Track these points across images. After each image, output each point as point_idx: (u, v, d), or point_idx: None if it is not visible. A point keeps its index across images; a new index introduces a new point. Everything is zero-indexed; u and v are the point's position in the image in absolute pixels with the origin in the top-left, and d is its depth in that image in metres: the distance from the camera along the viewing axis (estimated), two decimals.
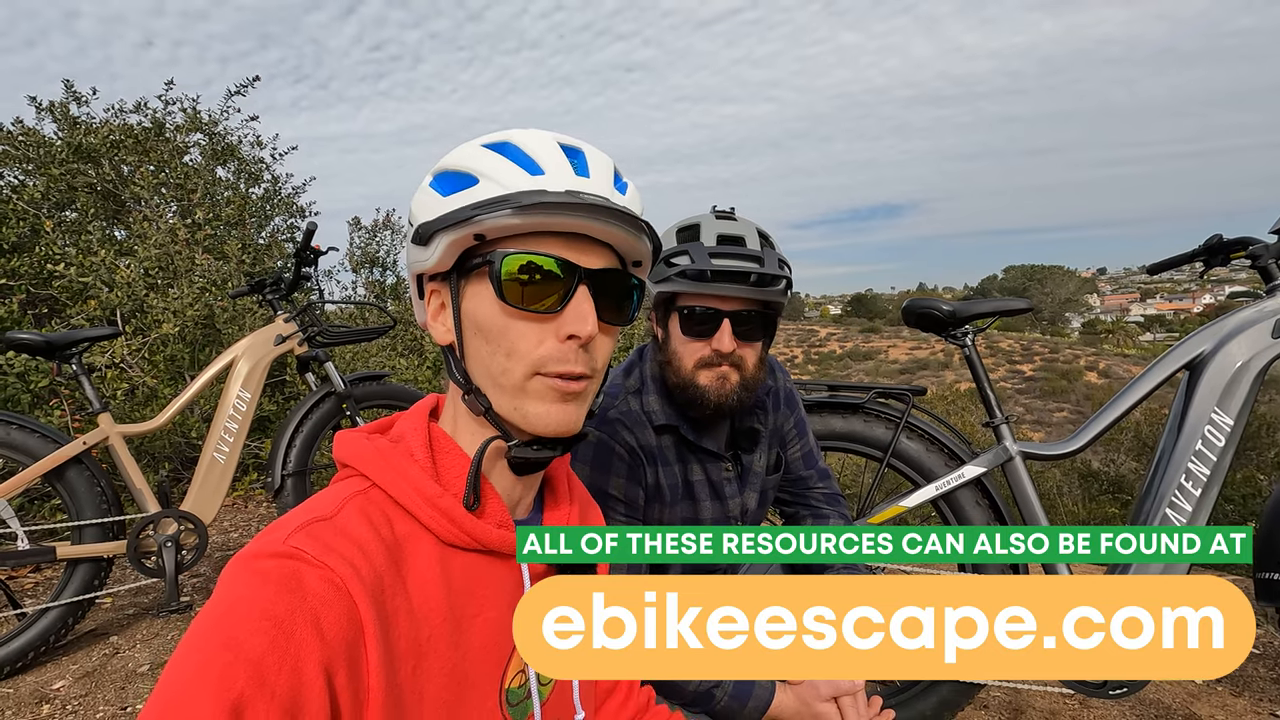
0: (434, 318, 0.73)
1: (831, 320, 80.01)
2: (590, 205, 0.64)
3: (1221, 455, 1.68)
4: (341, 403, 2.84)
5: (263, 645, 0.52)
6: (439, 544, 0.66)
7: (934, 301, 1.86)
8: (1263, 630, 2.47)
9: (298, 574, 0.55)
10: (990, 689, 2.03)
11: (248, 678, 0.51)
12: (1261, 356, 1.70)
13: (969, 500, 1.81)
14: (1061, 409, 31.99)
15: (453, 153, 0.70)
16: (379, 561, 0.60)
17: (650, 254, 0.73)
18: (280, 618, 0.53)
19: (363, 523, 0.62)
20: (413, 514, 0.65)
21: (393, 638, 0.59)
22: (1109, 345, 49.19)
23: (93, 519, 2.34)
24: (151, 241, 4.37)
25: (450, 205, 0.66)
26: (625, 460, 1.24)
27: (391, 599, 0.60)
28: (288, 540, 0.57)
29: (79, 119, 5.04)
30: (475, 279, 0.68)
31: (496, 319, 0.67)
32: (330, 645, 0.54)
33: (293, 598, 0.54)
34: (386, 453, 0.67)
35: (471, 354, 0.69)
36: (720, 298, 1.18)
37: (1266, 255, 1.74)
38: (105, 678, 2.24)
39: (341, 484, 0.67)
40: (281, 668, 0.52)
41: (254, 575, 0.55)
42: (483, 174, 0.66)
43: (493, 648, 0.69)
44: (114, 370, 4.08)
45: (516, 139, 0.68)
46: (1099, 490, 7.67)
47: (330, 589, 0.56)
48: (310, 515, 0.60)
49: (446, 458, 0.70)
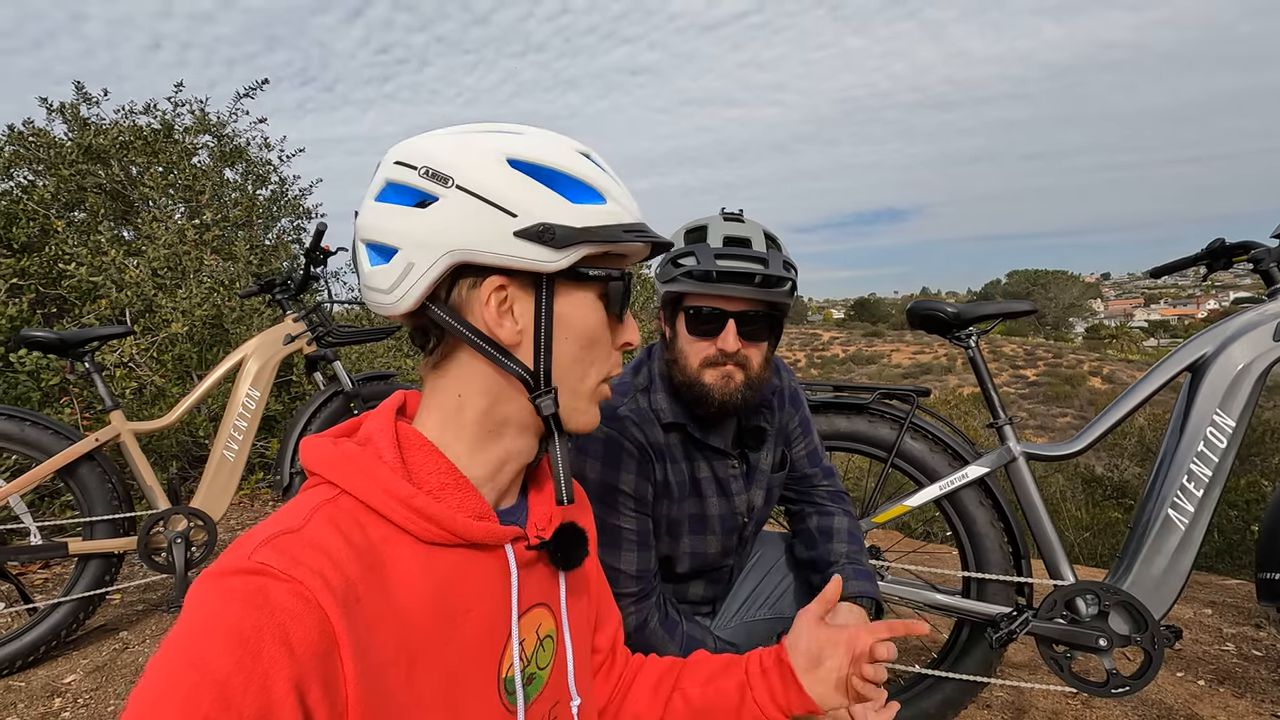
0: (501, 315, 0.69)
1: (834, 324, 79.98)
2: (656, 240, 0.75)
3: (1223, 456, 1.70)
4: (349, 402, 2.87)
5: (229, 665, 0.51)
6: (419, 544, 0.65)
7: (939, 303, 1.88)
8: (1265, 633, 2.47)
9: (264, 589, 0.54)
10: (993, 688, 2.04)
11: (213, 699, 0.50)
12: (1263, 359, 1.71)
13: (972, 500, 1.83)
14: (1065, 414, 31.92)
15: (547, 148, 0.69)
16: (351, 570, 0.59)
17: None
18: (247, 635, 0.52)
19: (332, 532, 0.60)
20: (386, 517, 0.64)
21: (376, 646, 0.59)
22: (1113, 350, 49.08)
23: (104, 515, 2.36)
24: (160, 242, 4.42)
25: (592, 219, 0.69)
26: (635, 457, 1.26)
27: (370, 606, 0.59)
28: (253, 555, 0.56)
29: (89, 120, 5.09)
30: (584, 286, 0.71)
31: (601, 330, 0.73)
32: (300, 660, 0.53)
33: (259, 614, 0.53)
34: (353, 456, 0.66)
35: (559, 356, 0.70)
36: (725, 298, 1.20)
37: (1268, 259, 1.75)
38: (115, 672, 2.26)
39: (309, 493, 0.65)
40: (249, 687, 0.51)
41: (220, 593, 0.54)
42: (608, 194, 0.71)
43: (486, 640, 0.69)
44: (123, 369, 4.11)
45: (594, 157, 0.74)
46: (1102, 495, 7.66)
47: (299, 602, 0.54)
48: (276, 528, 0.59)
49: (416, 455, 0.69)
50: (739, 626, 1.48)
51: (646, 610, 1.21)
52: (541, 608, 0.78)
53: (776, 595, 1.51)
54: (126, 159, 5.00)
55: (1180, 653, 2.33)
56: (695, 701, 0.93)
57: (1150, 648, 1.63)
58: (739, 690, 0.91)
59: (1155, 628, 1.64)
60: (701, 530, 1.37)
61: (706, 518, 1.36)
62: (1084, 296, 76.55)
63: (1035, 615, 1.71)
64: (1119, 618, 1.68)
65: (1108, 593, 1.69)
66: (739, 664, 0.94)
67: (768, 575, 1.54)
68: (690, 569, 1.39)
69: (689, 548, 1.37)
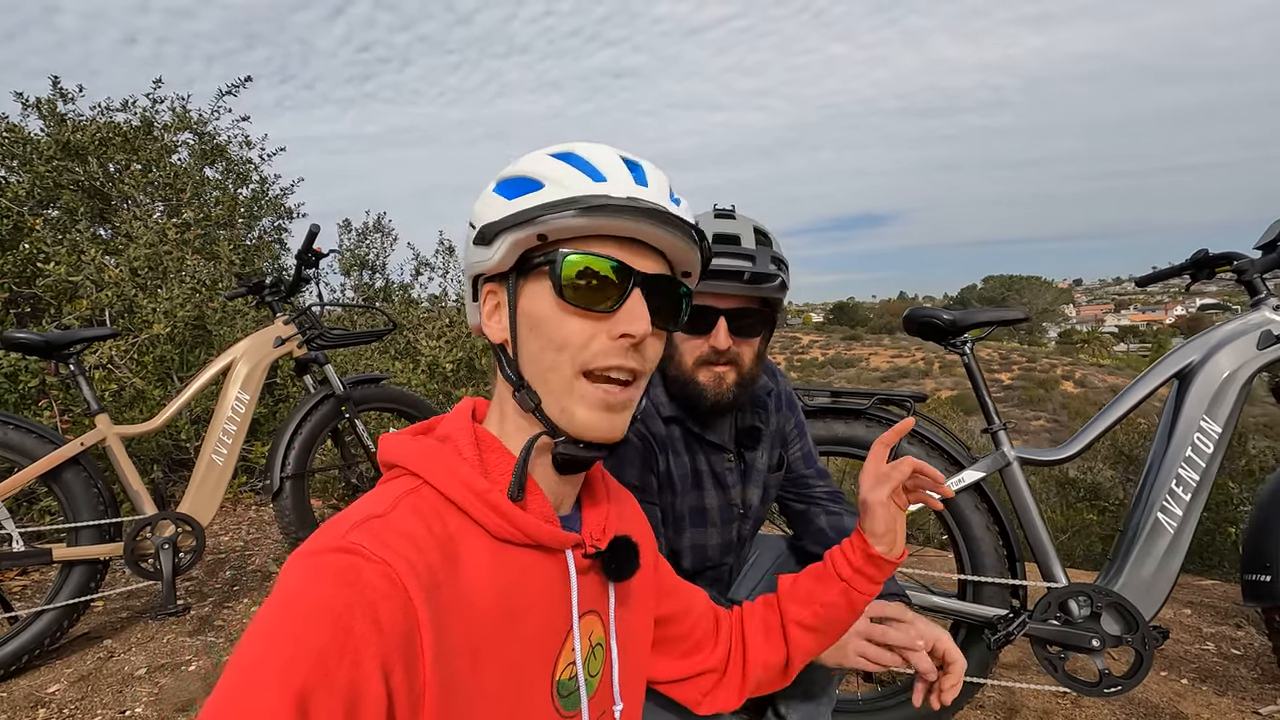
0: (489, 317, 0.75)
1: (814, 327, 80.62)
2: (650, 211, 0.68)
3: (1210, 461, 1.75)
4: (340, 405, 2.84)
5: (324, 638, 0.52)
6: (490, 539, 0.68)
7: (935, 311, 1.91)
8: (1243, 632, 2.55)
9: (355, 568, 0.56)
10: (986, 689, 2.07)
11: (310, 669, 0.51)
12: (1247, 367, 1.77)
13: (968, 504, 1.86)
14: (1039, 417, 32.48)
15: (518, 160, 0.73)
16: (433, 557, 0.61)
17: (700, 265, 0.76)
18: (339, 612, 0.54)
19: (416, 519, 0.63)
20: (464, 509, 0.67)
21: (448, 633, 0.60)
22: (1084, 355, 50.09)
23: (90, 521, 2.31)
24: (140, 241, 4.33)
25: (516, 207, 0.69)
26: (639, 449, 1.28)
27: (446, 594, 0.61)
28: (346, 536, 0.58)
29: (66, 116, 4.98)
30: (534, 278, 0.71)
31: (553, 315, 0.69)
32: (388, 640, 0.55)
33: (351, 592, 0.55)
34: (435, 451, 0.69)
35: (524, 351, 0.71)
36: (715, 295, 1.21)
37: (1252, 270, 1.81)
38: (101, 681, 2.21)
39: (392, 483, 0.68)
40: (342, 661, 0.52)
41: (313, 570, 0.56)
42: (548, 179, 0.69)
43: (544, 641, 0.71)
44: (102, 371, 4.02)
45: (580, 149, 0.72)
46: (1076, 497, 7.81)
47: (387, 584, 0.56)
48: (365, 513, 0.62)
49: (493, 455, 0.72)
50: None
51: None
52: (593, 615, 0.79)
53: None
54: (105, 156, 4.89)
55: (1163, 652, 2.39)
56: (810, 623, 0.99)
57: (1141, 648, 1.68)
58: (844, 595, 0.97)
59: (1146, 628, 1.68)
60: (702, 523, 1.39)
61: (706, 510, 1.38)
62: (1057, 302, 78.05)
63: (1031, 617, 1.74)
64: (1111, 619, 1.73)
65: (1100, 594, 1.73)
66: (830, 573, 0.99)
67: (764, 579, 1.56)
68: (692, 566, 1.41)
69: (690, 540, 1.39)
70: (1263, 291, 1.81)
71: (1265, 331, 1.77)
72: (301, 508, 2.73)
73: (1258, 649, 2.39)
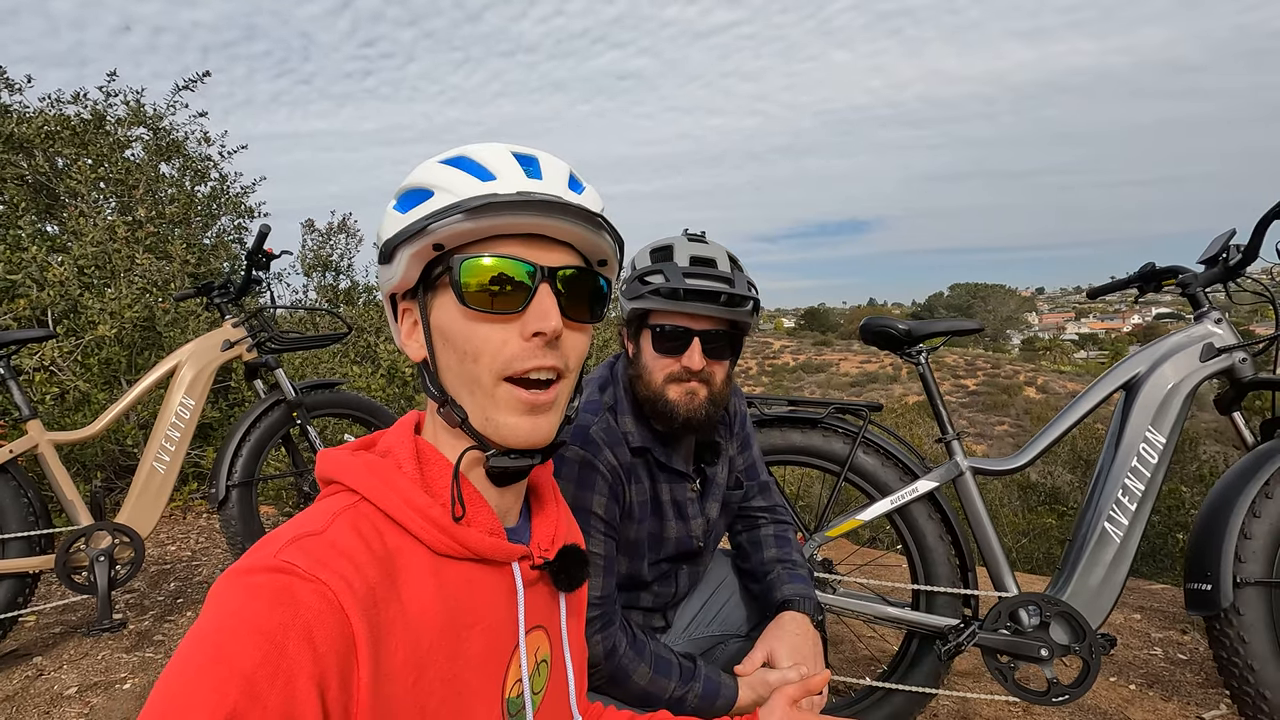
0: (408, 336, 0.74)
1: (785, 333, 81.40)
2: (540, 202, 0.66)
3: (1155, 471, 1.78)
4: (292, 411, 2.75)
5: (255, 659, 0.51)
6: (432, 555, 0.66)
7: (891, 321, 1.92)
8: (1189, 636, 2.60)
9: (290, 588, 0.55)
10: (939, 699, 2.08)
11: (240, 692, 0.50)
12: (1191, 379, 1.81)
13: (922, 514, 1.87)
14: (1002, 422, 33.19)
15: (411, 173, 0.72)
16: (371, 575, 0.60)
17: (614, 251, 0.74)
18: (272, 632, 0.53)
19: (354, 536, 0.61)
20: (404, 526, 0.65)
21: (387, 651, 0.59)
22: (1046, 362, 51.39)
23: (18, 532, 2.20)
24: (88, 239, 4.17)
25: (408, 220, 0.68)
26: (607, 480, 1.26)
27: (385, 612, 0.60)
28: (278, 555, 0.57)
29: (10, 107, 4.78)
30: (440, 291, 0.70)
31: (461, 325, 0.68)
32: (323, 659, 0.54)
33: (285, 611, 0.54)
34: (374, 466, 0.68)
35: (443, 365, 0.70)
36: (692, 316, 1.23)
37: (1195, 284, 1.85)
38: (28, 701, 2.10)
39: (330, 499, 0.66)
40: (274, 682, 0.51)
41: (246, 590, 0.55)
42: (437, 186, 0.68)
43: (490, 658, 0.69)
44: (43, 373, 3.86)
45: (469, 151, 0.70)
46: (1037, 501, 7.98)
47: (323, 603, 0.55)
48: (300, 530, 0.60)
49: (434, 469, 0.70)
50: (688, 643, 1.51)
51: (613, 636, 1.20)
52: (539, 630, 0.78)
53: (724, 612, 1.54)
54: (52, 150, 4.71)
55: (1112, 657, 2.43)
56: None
57: (1088, 656, 1.69)
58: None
59: (1093, 637, 1.70)
60: (658, 550, 1.38)
61: (664, 539, 1.38)
62: (1020, 309, 79.97)
63: (981, 627, 1.75)
64: (1059, 628, 1.74)
65: (1048, 604, 1.75)
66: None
67: (715, 592, 1.56)
68: (651, 580, 1.40)
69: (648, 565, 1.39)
70: (1205, 305, 1.85)
71: (1207, 344, 1.81)
72: (248, 517, 2.63)
73: (1203, 654, 2.44)
